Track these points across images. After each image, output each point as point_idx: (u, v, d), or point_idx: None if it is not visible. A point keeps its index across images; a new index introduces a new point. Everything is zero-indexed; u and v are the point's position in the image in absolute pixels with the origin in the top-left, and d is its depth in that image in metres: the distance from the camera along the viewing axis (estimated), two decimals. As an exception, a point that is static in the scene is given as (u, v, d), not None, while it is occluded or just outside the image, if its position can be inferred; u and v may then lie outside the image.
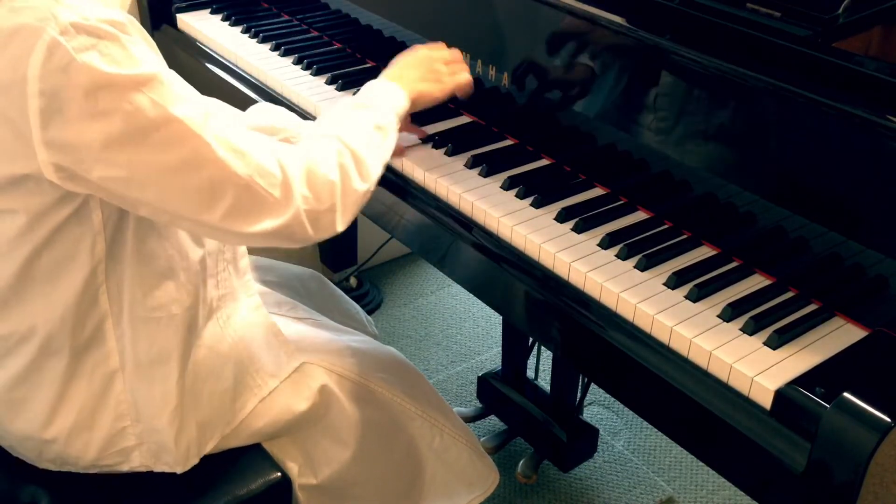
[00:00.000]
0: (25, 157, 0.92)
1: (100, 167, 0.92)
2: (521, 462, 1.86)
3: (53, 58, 0.86)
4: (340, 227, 1.08)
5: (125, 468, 1.16)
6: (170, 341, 1.12)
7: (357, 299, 2.34)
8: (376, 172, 1.14)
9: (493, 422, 1.98)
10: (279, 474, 1.23)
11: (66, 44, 0.86)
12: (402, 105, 1.23)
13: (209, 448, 1.19)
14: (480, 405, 1.99)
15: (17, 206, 0.99)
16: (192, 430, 1.16)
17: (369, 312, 2.38)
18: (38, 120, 0.88)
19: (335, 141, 1.10)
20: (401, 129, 1.26)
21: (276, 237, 1.03)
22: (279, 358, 1.25)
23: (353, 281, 2.48)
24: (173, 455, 1.16)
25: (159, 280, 1.09)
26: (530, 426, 1.84)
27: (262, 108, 1.42)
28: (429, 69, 1.30)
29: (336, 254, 2.42)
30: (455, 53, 1.36)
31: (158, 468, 1.17)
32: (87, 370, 1.10)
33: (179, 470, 1.17)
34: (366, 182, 1.11)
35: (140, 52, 0.92)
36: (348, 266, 2.48)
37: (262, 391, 1.22)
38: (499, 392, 1.89)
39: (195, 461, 1.18)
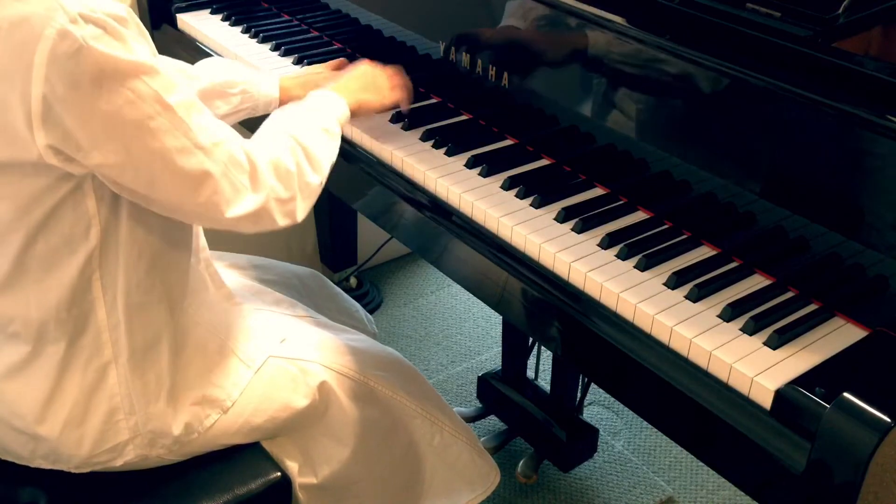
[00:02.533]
0: (23, 142, 0.95)
1: (97, 153, 0.96)
2: (521, 462, 1.86)
3: (63, 44, 0.90)
4: (300, 215, 1.16)
5: (118, 463, 1.16)
6: (159, 323, 1.13)
7: (357, 299, 2.34)
8: (326, 168, 1.21)
9: (493, 422, 1.98)
10: (279, 474, 1.23)
11: (76, 32, 0.90)
12: (343, 112, 1.31)
13: (206, 426, 1.19)
14: (480, 405, 1.98)
15: (8, 192, 1.01)
16: (188, 409, 1.16)
17: (369, 313, 2.37)
18: (41, 105, 0.92)
19: (289, 138, 1.17)
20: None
21: (247, 222, 1.10)
22: (264, 335, 1.27)
23: (353, 281, 2.48)
24: (171, 437, 1.16)
25: (150, 265, 1.11)
26: (530, 426, 1.84)
27: (210, 63, 1.46)
28: (370, 82, 1.39)
29: (336, 254, 2.42)
30: (396, 69, 1.44)
31: (154, 454, 1.17)
32: (80, 363, 1.10)
33: (176, 451, 1.18)
34: (318, 175, 1.19)
35: (138, 45, 0.96)
36: (348, 266, 2.48)
37: (252, 364, 1.23)
38: (499, 392, 1.89)
39: (195, 446, 1.18)
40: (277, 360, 1.25)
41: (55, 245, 1.05)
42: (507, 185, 1.29)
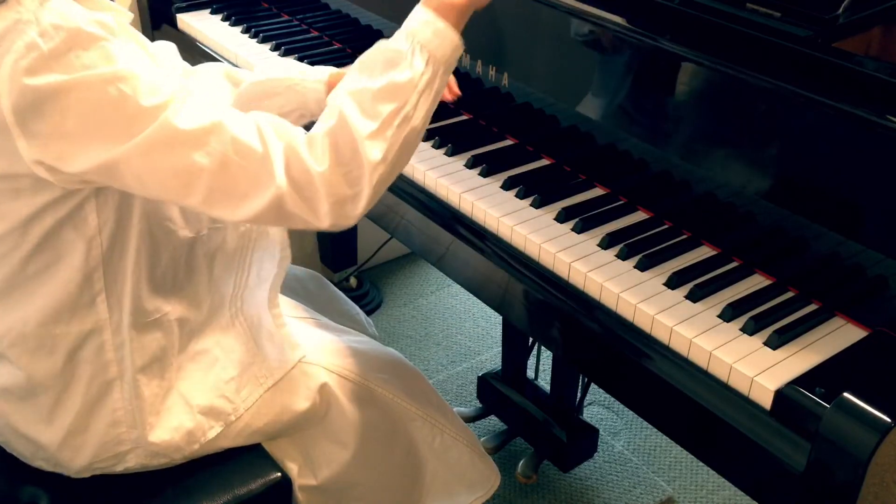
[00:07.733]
0: (10, 153, 0.93)
1: (78, 160, 0.93)
2: (521, 462, 1.86)
3: (27, 58, 0.88)
4: (352, 218, 0.98)
5: (120, 469, 1.16)
6: (168, 339, 1.13)
7: (357, 299, 2.34)
8: (389, 146, 0.98)
9: (493, 422, 1.98)
10: (279, 474, 1.23)
11: (43, 46, 0.88)
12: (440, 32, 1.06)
13: (209, 437, 1.19)
14: (480, 405, 1.98)
15: (8, 209, 0.99)
16: (193, 418, 1.16)
17: (369, 313, 2.37)
18: (13, 117, 0.90)
19: (336, 114, 0.98)
20: None
21: (267, 218, 0.97)
22: (283, 351, 1.25)
23: (353, 281, 2.48)
24: (173, 448, 1.16)
25: (162, 287, 1.11)
26: (530, 426, 1.84)
27: (261, 67, 1.32)
28: None
29: (336, 254, 2.42)
30: None
31: (154, 464, 1.17)
32: (83, 378, 1.10)
33: (177, 458, 1.18)
34: (372, 158, 0.96)
35: (117, 51, 0.91)
36: (348, 266, 2.47)
37: (266, 381, 1.22)
38: (499, 392, 1.89)
39: (196, 452, 1.19)
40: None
41: (49, 262, 1.04)
42: (507, 185, 1.29)
